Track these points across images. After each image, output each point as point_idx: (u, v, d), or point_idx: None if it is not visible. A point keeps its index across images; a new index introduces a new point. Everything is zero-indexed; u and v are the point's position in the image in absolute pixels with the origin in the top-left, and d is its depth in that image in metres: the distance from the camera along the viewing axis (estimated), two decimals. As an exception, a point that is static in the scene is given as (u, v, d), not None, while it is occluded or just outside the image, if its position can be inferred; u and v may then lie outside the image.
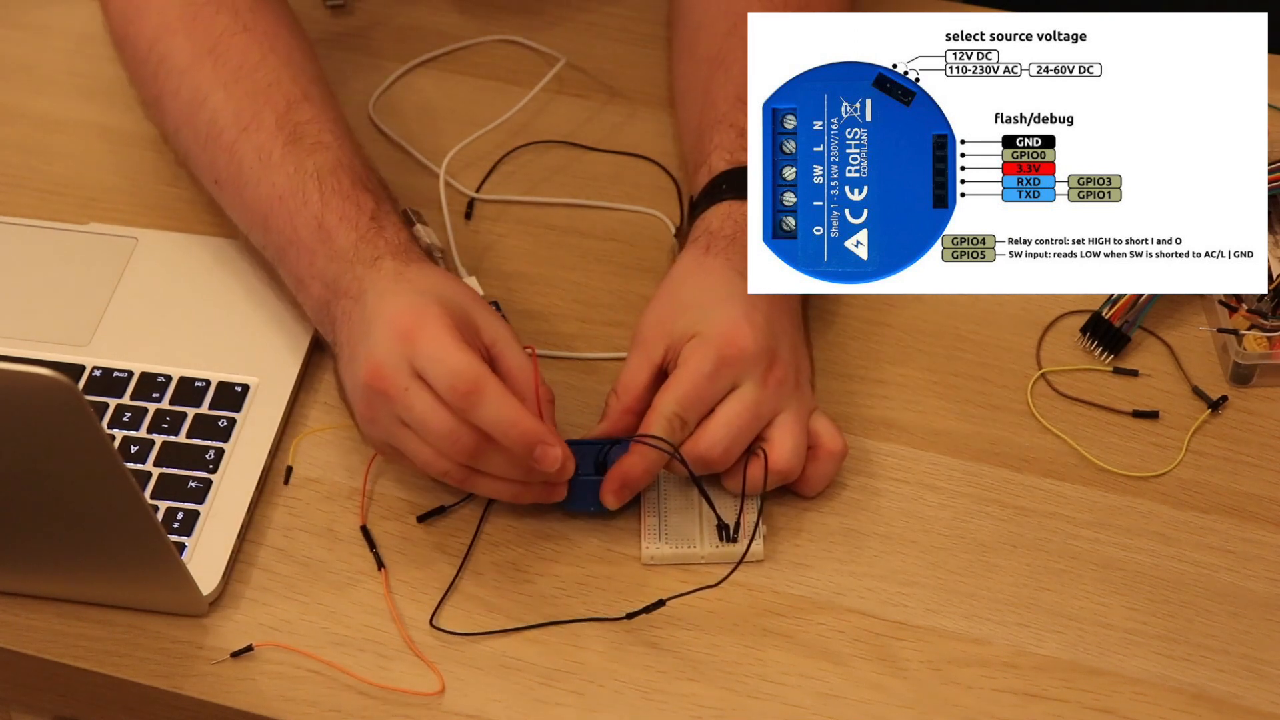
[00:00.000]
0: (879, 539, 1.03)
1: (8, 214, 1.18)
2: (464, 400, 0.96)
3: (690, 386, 1.00)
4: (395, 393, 0.98)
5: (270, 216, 1.06)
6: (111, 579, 0.98)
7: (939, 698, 0.97)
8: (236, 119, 1.08)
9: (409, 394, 0.97)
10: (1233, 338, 1.09)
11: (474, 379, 0.96)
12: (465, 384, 0.96)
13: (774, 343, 1.01)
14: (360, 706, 0.97)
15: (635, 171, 1.22)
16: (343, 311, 1.03)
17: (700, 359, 1.00)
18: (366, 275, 1.02)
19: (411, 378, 0.97)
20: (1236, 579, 1.01)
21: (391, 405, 0.98)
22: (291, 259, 1.05)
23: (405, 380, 0.97)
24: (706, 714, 0.97)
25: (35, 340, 1.11)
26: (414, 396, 0.97)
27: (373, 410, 0.99)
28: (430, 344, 0.97)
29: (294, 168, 1.06)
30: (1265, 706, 0.97)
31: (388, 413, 0.99)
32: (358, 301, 1.02)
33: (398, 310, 0.99)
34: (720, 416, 1.00)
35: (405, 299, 0.99)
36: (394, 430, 0.99)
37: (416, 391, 0.97)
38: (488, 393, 0.96)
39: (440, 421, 0.97)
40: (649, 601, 0.99)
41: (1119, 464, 1.06)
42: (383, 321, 0.99)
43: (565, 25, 1.30)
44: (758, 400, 1.00)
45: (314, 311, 1.06)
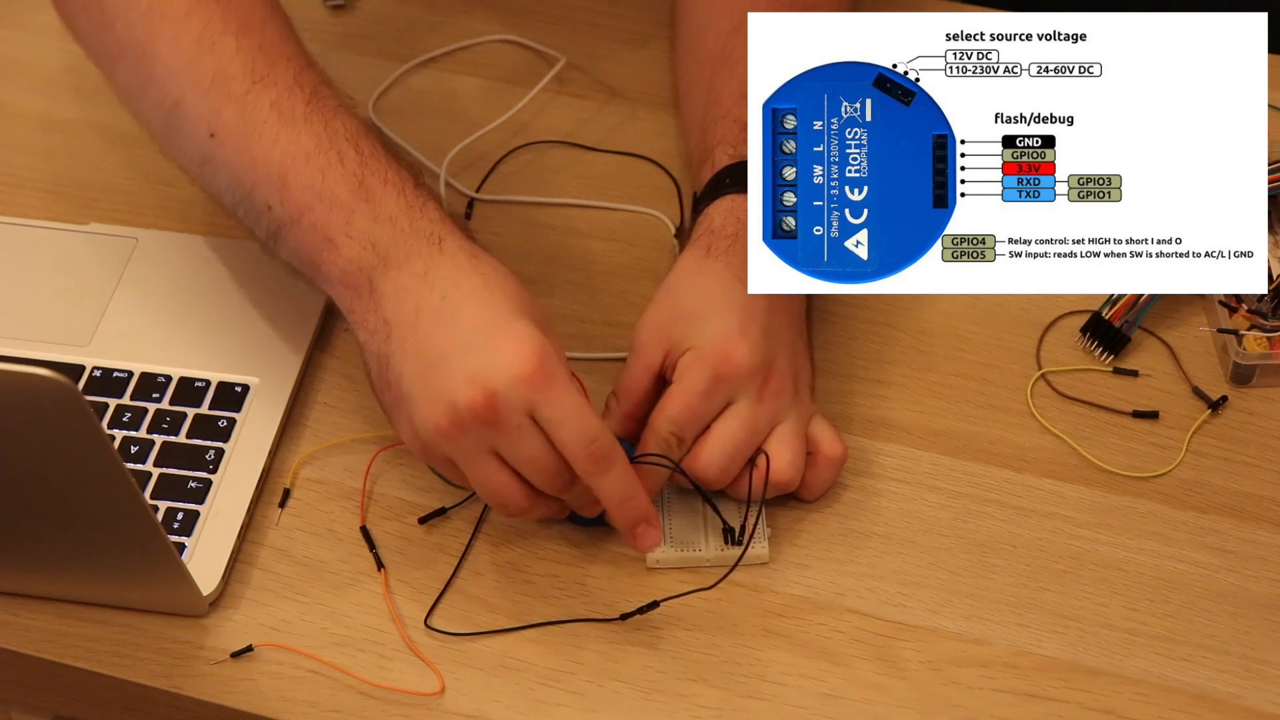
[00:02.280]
0: (879, 539, 1.03)
1: (8, 214, 1.18)
2: (594, 465, 0.94)
3: (684, 405, 1.00)
4: (507, 428, 0.94)
5: (290, 173, 0.99)
6: (111, 579, 0.98)
7: (939, 698, 0.97)
8: (249, 69, 1.01)
9: (522, 432, 0.94)
10: (1233, 338, 1.09)
11: (609, 447, 0.95)
12: (600, 450, 0.94)
13: (771, 354, 1.01)
14: (360, 706, 0.97)
15: (635, 171, 1.22)
16: (401, 288, 0.97)
17: (695, 376, 1.00)
18: (433, 258, 0.97)
19: (526, 418, 0.94)
20: (1236, 579, 1.01)
21: (496, 437, 0.94)
22: (319, 217, 0.99)
23: (520, 419, 0.94)
24: (706, 714, 0.97)
25: (35, 340, 1.11)
26: (527, 437, 0.94)
27: (462, 432, 0.94)
28: (564, 404, 0.94)
29: (323, 126, 1.00)
30: (1265, 706, 0.97)
31: (482, 440, 0.95)
32: (427, 283, 0.96)
33: (517, 345, 0.94)
34: (716, 437, 1.00)
35: (517, 325, 0.95)
36: (479, 457, 0.96)
37: (530, 432, 0.94)
38: (618, 463, 0.95)
39: (551, 464, 0.95)
40: (648, 602, 0.99)
41: (1119, 464, 1.06)
42: (496, 348, 0.94)
43: (565, 25, 1.30)
44: (754, 416, 1.00)
45: (339, 273, 0.99)
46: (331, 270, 0.99)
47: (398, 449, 1.06)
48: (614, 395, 1.03)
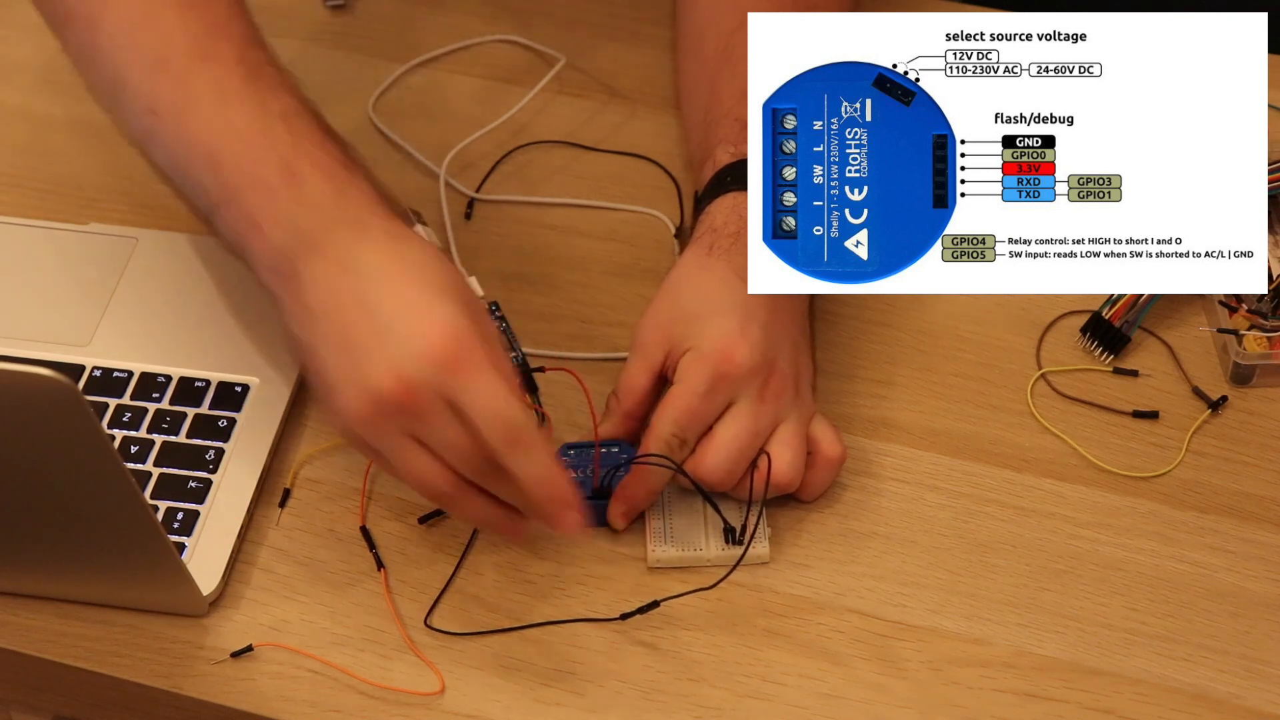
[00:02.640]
0: (879, 539, 1.03)
1: (8, 214, 1.18)
2: (509, 449, 0.92)
3: (685, 406, 1.00)
4: (424, 414, 0.93)
5: (222, 153, 0.97)
6: (111, 579, 0.98)
7: (939, 698, 0.97)
8: (191, 46, 0.99)
9: (439, 418, 0.93)
10: (1233, 338, 1.09)
11: (524, 430, 0.93)
12: (515, 434, 0.92)
13: (771, 353, 1.01)
14: (360, 706, 0.97)
15: (635, 171, 1.22)
16: (322, 274, 0.95)
17: (695, 376, 1.00)
18: (355, 242, 0.95)
19: (442, 403, 0.93)
20: (1236, 579, 1.01)
21: (414, 424, 0.93)
22: (247, 201, 0.97)
23: (437, 404, 0.92)
24: (706, 714, 0.97)
25: (35, 340, 1.11)
26: (446, 423, 0.93)
27: (382, 419, 0.93)
28: (480, 387, 0.92)
29: (256, 106, 0.98)
30: (1265, 706, 0.97)
31: (401, 426, 0.94)
32: (348, 271, 0.95)
33: (431, 328, 0.93)
34: (719, 439, 1.00)
35: (432, 310, 0.93)
36: (399, 442, 0.94)
37: (447, 417, 0.93)
38: (536, 447, 0.93)
39: (470, 449, 0.93)
40: (648, 602, 0.99)
41: (1119, 464, 1.06)
42: (411, 333, 0.93)
43: (565, 25, 1.30)
44: (756, 417, 1.00)
45: (263, 257, 0.97)
46: (258, 255, 0.97)
47: (398, 449, 1.06)
48: (614, 395, 1.03)
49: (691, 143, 1.18)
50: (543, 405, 1.08)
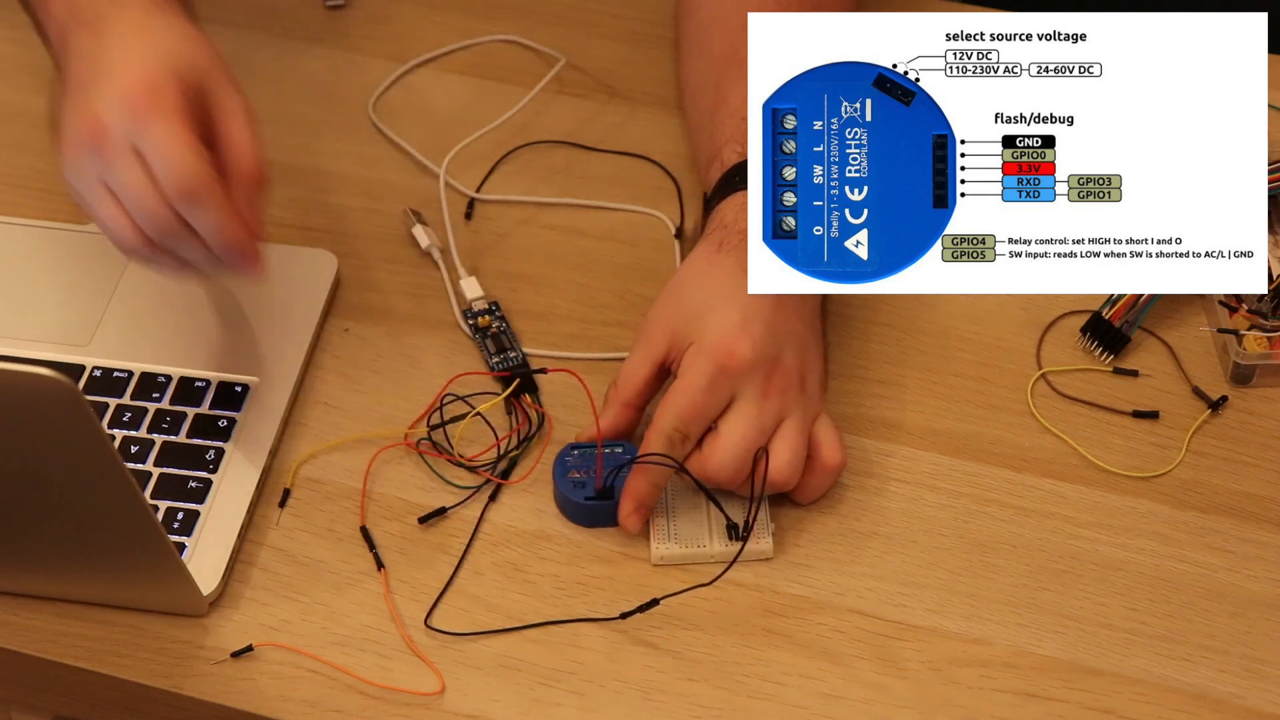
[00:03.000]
0: (879, 539, 1.03)
1: (8, 214, 1.18)
2: (184, 199, 0.96)
3: (688, 400, 1.00)
4: (110, 157, 0.97)
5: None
6: (111, 579, 0.98)
7: (939, 698, 0.97)
8: None
9: (123, 162, 0.97)
10: (1233, 338, 1.09)
11: (201, 183, 0.96)
12: (190, 184, 0.96)
13: (774, 348, 1.01)
14: (360, 706, 0.97)
15: (635, 171, 1.22)
16: (78, 43, 1.01)
17: (697, 371, 1.00)
18: (110, 12, 1.00)
19: (128, 147, 0.97)
20: (1236, 579, 1.01)
21: (101, 166, 0.97)
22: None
23: (124, 149, 0.96)
24: (706, 714, 0.97)
25: (35, 340, 1.11)
26: (127, 167, 0.97)
27: (80, 161, 0.98)
28: (160, 132, 0.96)
29: None
30: (1265, 706, 0.97)
31: (95, 170, 0.98)
32: (97, 39, 1.00)
33: (132, 76, 0.97)
34: (725, 438, 1.00)
35: (143, 62, 0.98)
36: (93, 187, 0.98)
37: (131, 164, 0.97)
38: (210, 199, 0.97)
39: (149, 200, 0.97)
40: (648, 600, 0.99)
41: (1119, 464, 1.06)
42: (115, 82, 0.97)
43: (565, 25, 1.30)
44: (759, 413, 1.00)
45: (52, 33, 1.04)
46: (49, 34, 1.04)
47: (398, 449, 1.07)
48: (613, 385, 1.04)
49: (698, 142, 1.18)
50: (543, 405, 1.08)
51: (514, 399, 1.08)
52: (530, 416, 1.08)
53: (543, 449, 1.07)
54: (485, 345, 1.11)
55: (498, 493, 1.05)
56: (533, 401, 1.08)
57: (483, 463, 1.06)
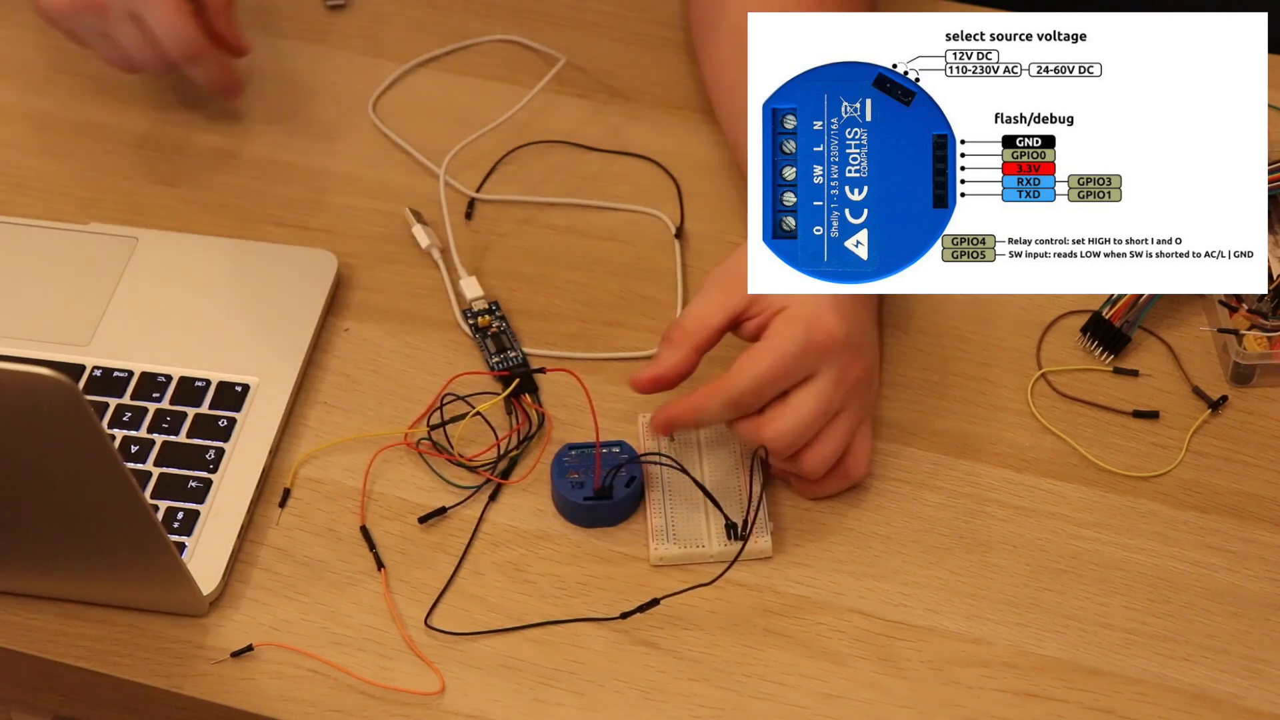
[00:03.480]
0: (879, 539, 1.03)
1: (8, 214, 1.18)
2: (185, 61, 1.16)
3: (773, 365, 0.98)
4: (111, 21, 1.14)
5: None
6: (111, 579, 0.98)
7: (939, 698, 0.97)
8: None
9: (123, 25, 1.14)
10: (1233, 338, 1.09)
11: (199, 46, 1.16)
12: (189, 48, 1.15)
13: (860, 337, 1.01)
14: (360, 706, 0.97)
15: (635, 171, 1.22)
16: None
17: (788, 338, 0.98)
18: None
19: (126, 14, 1.14)
20: (1236, 579, 1.01)
21: (103, 24, 1.14)
22: None
23: (122, 15, 1.14)
24: (706, 714, 0.97)
25: (35, 340, 1.11)
26: (128, 29, 1.14)
27: (80, 17, 1.15)
28: (159, 5, 1.13)
29: None
30: (1265, 706, 0.97)
31: (95, 26, 1.15)
32: None
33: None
34: (792, 410, 0.99)
35: None
36: (94, 36, 1.16)
37: (130, 26, 1.14)
38: (205, 57, 1.17)
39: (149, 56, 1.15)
40: (648, 600, 0.99)
41: (1119, 464, 1.06)
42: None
43: (565, 25, 1.30)
44: (831, 396, 0.99)
45: None
46: None
47: (398, 449, 1.07)
48: (679, 328, 1.01)
49: (735, 130, 1.15)
50: (543, 405, 1.08)
51: (514, 399, 1.08)
52: (530, 416, 1.08)
53: (543, 448, 1.07)
54: (485, 345, 1.11)
55: (498, 493, 1.05)
56: (533, 401, 1.08)
57: (483, 462, 1.06)
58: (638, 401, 1.08)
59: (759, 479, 1.02)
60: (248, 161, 1.22)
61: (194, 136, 1.24)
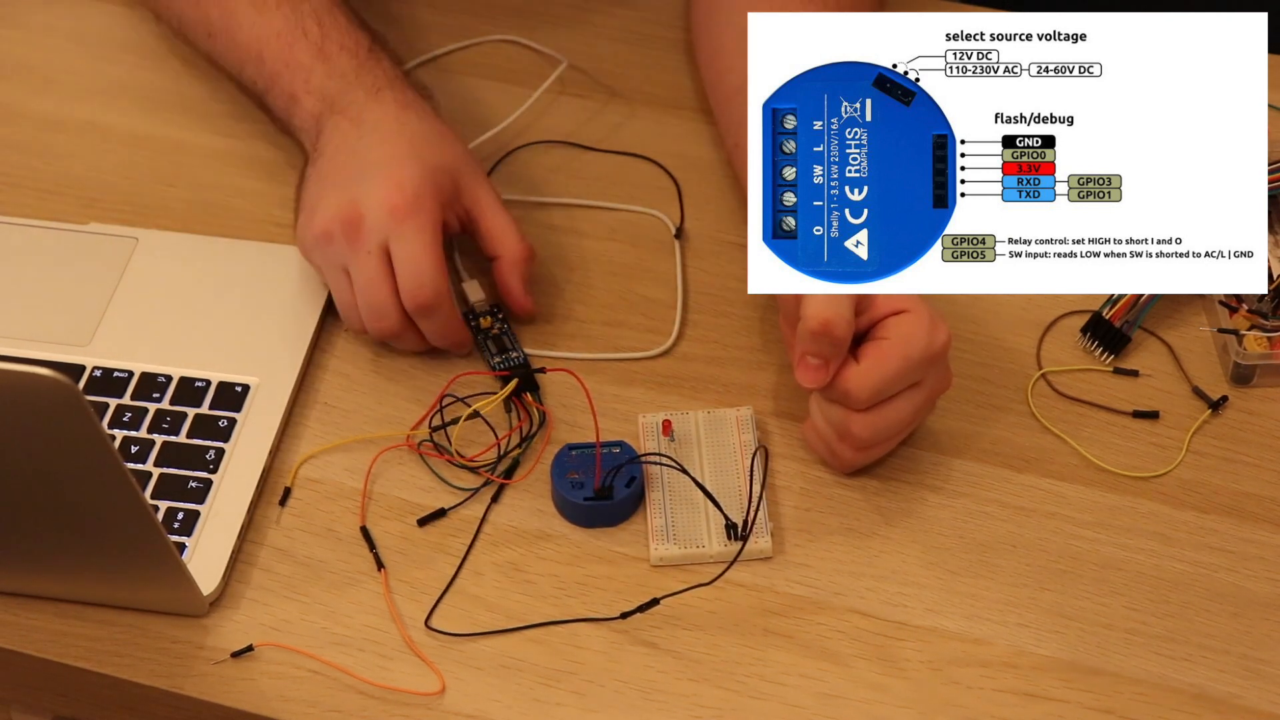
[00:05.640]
0: (879, 539, 1.03)
1: (8, 214, 1.18)
2: (418, 308, 1.06)
3: (899, 369, 0.99)
4: (359, 249, 1.06)
5: (265, 49, 1.15)
6: (111, 579, 0.98)
7: (939, 698, 0.97)
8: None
9: (370, 257, 1.06)
10: (1233, 338, 1.09)
11: (436, 294, 1.06)
12: (428, 296, 1.06)
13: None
14: (360, 706, 0.97)
15: (635, 171, 1.22)
16: (335, 126, 1.10)
17: (915, 340, 0.99)
18: (367, 104, 1.10)
19: (379, 247, 1.05)
20: (1236, 579, 1.01)
21: (348, 253, 1.06)
22: (286, 80, 1.14)
23: (374, 245, 1.05)
24: (706, 714, 0.97)
25: (35, 340, 1.11)
26: (373, 262, 1.06)
27: (330, 242, 1.07)
28: (412, 241, 1.05)
29: (290, 10, 1.15)
30: (1265, 706, 0.97)
31: (340, 254, 1.07)
32: (356, 125, 1.10)
33: (395, 179, 1.06)
34: (895, 411, 1.00)
35: (405, 165, 1.07)
36: (334, 269, 1.08)
37: (377, 260, 1.06)
38: (440, 311, 1.07)
39: (383, 299, 1.06)
40: (648, 600, 0.99)
41: (1119, 464, 1.06)
42: (379, 181, 1.06)
43: (566, 26, 1.30)
44: (924, 406, 1.02)
45: (303, 124, 1.13)
46: (297, 122, 1.14)
47: (398, 449, 1.07)
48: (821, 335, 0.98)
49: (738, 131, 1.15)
50: (544, 404, 1.08)
51: (515, 397, 1.08)
52: (531, 414, 1.08)
53: (543, 448, 1.07)
54: (487, 346, 1.11)
55: (500, 493, 1.05)
56: (534, 400, 1.08)
57: (483, 463, 1.06)
58: (638, 401, 1.08)
59: (759, 479, 1.02)
60: (247, 161, 1.22)
61: (194, 136, 1.24)
